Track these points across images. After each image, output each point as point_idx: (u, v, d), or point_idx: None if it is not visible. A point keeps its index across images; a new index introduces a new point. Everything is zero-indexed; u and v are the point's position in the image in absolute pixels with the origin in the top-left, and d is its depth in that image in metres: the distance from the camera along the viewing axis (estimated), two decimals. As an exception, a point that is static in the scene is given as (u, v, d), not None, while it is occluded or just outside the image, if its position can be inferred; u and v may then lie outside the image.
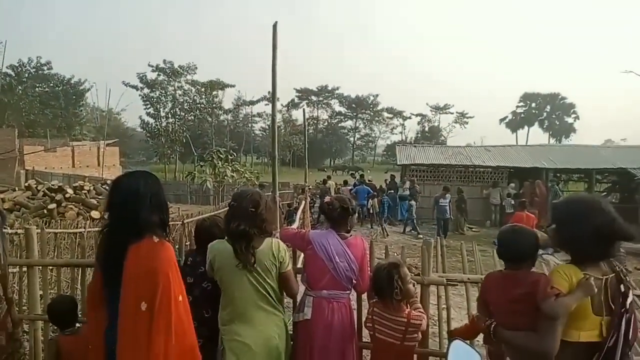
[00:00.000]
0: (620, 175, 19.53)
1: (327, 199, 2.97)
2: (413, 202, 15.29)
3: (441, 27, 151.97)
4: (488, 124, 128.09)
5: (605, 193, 22.29)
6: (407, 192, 15.84)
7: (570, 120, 74.11)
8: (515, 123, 76.58)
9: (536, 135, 75.38)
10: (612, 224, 1.79)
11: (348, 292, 2.83)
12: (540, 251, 2.15)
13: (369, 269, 2.90)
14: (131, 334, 1.81)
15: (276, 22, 5.67)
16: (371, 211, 15.11)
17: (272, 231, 2.68)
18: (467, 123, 74.82)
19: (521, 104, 76.54)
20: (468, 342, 1.83)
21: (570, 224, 1.85)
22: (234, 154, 21.91)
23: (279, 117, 67.68)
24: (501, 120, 77.98)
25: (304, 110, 13.45)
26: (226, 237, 2.56)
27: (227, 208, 2.71)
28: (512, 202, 14.89)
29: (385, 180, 19.60)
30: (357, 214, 3.04)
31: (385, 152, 74.25)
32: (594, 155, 19.75)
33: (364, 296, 3.00)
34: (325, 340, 2.69)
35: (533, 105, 75.84)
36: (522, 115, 76.44)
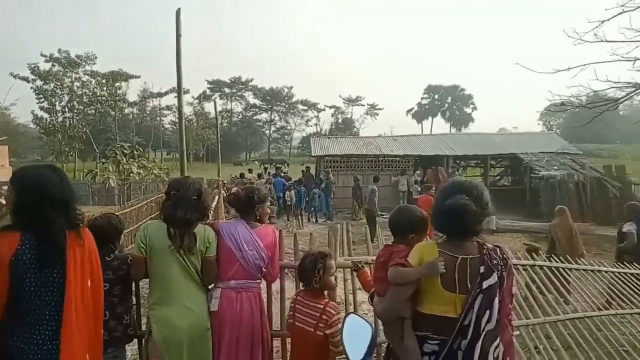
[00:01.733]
0: (511, 160, 21.65)
1: (233, 189, 3.00)
2: (317, 190, 15.83)
3: (350, 21, 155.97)
4: (397, 115, 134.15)
5: (498, 177, 24.61)
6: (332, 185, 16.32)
7: (468, 110, 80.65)
8: (420, 114, 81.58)
9: (439, 125, 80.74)
10: (459, 203, 1.91)
11: (258, 281, 2.88)
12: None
13: (279, 258, 2.98)
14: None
15: (179, 8, 5.51)
16: (289, 203, 15.26)
17: (209, 216, 2.86)
18: (377, 114, 77.85)
19: (425, 95, 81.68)
20: (362, 315, 2.00)
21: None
22: (140, 149, 20.71)
23: (190, 110, 65.23)
24: (408, 111, 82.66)
25: (215, 102, 13.12)
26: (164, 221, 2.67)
27: (165, 196, 2.80)
28: (419, 188, 15.87)
29: (302, 171, 19.87)
30: (275, 206, 3.12)
31: (301, 145, 74.85)
32: (489, 143, 21.65)
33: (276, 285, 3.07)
34: (235, 331, 2.73)
35: (436, 97, 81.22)
36: (427, 107, 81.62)
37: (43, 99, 44.34)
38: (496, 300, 1.87)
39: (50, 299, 1.98)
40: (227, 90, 73.75)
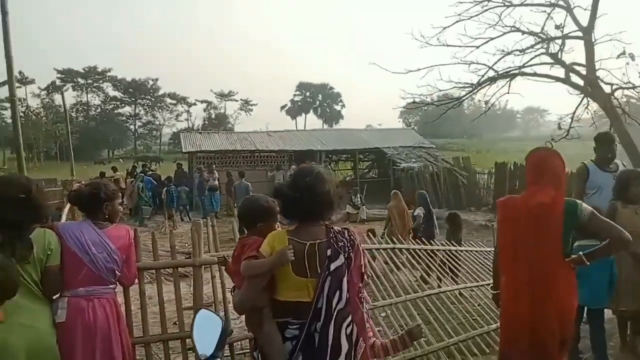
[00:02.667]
0: (377, 154, 23.28)
1: (75, 185, 2.66)
2: (186, 188, 15.32)
3: (220, 12, 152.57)
4: (271, 111, 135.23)
5: (367, 170, 26.32)
6: (216, 182, 15.56)
7: (338, 107, 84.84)
8: (294, 110, 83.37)
9: (312, 121, 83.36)
10: (274, 187, 2.07)
11: (112, 286, 2.62)
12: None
13: (135, 259, 2.73)
14: None
15: (4, -19, 4.75)
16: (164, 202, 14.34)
17: (47, 216, 2.52)
18: (252, 110, 77.65)
19: (297, 92, 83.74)
20: (212, 309, 1.96)
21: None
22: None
23: (37, 102, 57.93)
24: (282, 107, 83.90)
25: (62, 93, 11.75)
26: None
27: None
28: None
29: (176, 169, 18.87)
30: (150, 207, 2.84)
31: (171, 141, 70.98)
32: (357, 138, 23.02)
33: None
34: (89, 342, 2.45)
35: (307, 94, 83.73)
36: (299, 104, 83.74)
37: None
38: (344, 280, 1.93)
39: None
40: (81, 80, 66.61)
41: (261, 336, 1.94)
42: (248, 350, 3.50)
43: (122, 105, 70.49)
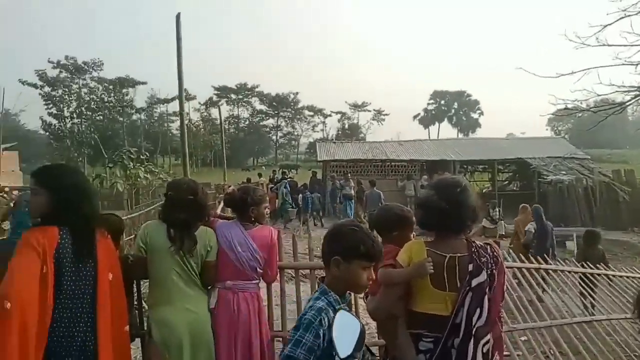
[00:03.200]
0: (519, 165, 21.51)
1: (229, 189, 3.00)
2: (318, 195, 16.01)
3: (356, 27, 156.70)
4: (403, 120, 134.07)
5: (507, 182, 24.47)
6: (352, 191, 16.17)
7: (475, 116, 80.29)
8: (427, 119, 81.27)
9: (446, 130, 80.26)
10: (421, 197, 1.99)
11: (255, 282, 2.88)
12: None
13: (277, 259, 2.98)
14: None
15: (179, 13, 5.58)
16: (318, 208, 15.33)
17: (209, 217, 2.85)
18: (384, 120, 77.80)
19: (431, 101, 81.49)
20: (353, 311, 2.02)
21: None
22: (147, 154, 20.88)
23: (197, 116, 66.06)
24: (414, 117, 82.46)
25: (219, 107, 13.24)
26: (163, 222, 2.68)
27: (164, 199, 2.86)
28: (425, 193, 15.79)
29: (310, 177, 19.92)
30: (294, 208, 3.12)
31: (308, 150, 74.93)
32: (496, 147, 21.56)
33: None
34: (232, 331, 2.73)
35: (442, 102, 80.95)
36: (433, 112, 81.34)
37: (51, 105, 44.97)
38: (486, 297, 1.88)
39: (85, 293, 2.07)
40: (233, 96, 74.19)
41: (395, 346, 1.96)
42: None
43: (267, 117, 76.72)
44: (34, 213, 2.14)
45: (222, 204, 11.24)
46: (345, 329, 1.58)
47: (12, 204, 6.41)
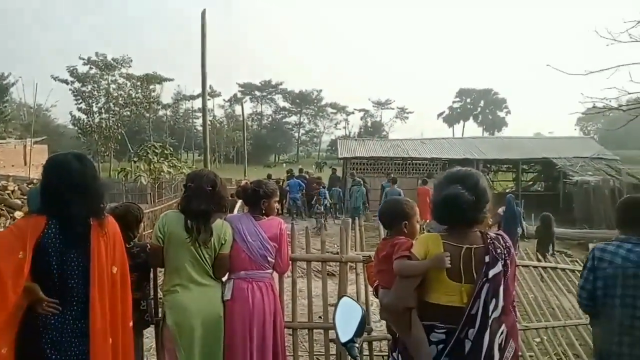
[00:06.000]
0: (544, 165, 21.06)
1: (242, 182, 3.08)
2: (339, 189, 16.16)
3: (381, 24, 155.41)
4: (427, 119, 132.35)
5: (531, 182, 23.99)
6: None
7: (502, 114, 78.62)
8: (452, 118, 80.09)
9: (471, 129, 78.91)
10: (452, 193, 1.92)
11: (268, 271, 2.95)
12: (433, 226, 2.39)
13: (288, 249, 3.04)
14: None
15: (204, 9, 5.72)
16: (326, 204, 15.29)
17: (227, 208, 2.94)
18: (407, 118, 77.12)
19: (457, 99, 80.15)
20: (354, 298, 2.07)
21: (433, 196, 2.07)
22: (171, 149, 21.27)
23: (221, 112, 66.82)
24: (439, 115, 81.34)
25: (242, 103, 13.44)
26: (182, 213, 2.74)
27: (183, 189, 2.91)
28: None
29: (331, 174, 19.94)
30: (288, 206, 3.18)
31: (329, 147, 74.87)
32: (521, 147, 21.15)
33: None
34: (247, 318, 2.81)
35: (468, 100, 79.58)
36: (458, 110, 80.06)
37: (81, 101, 46.21)
38: (501, 288, 1.90)
39: (77, 282, 2.09)
40: (257, 93, 74.71)
41: (408, 337, 1.98)
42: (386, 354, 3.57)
43: (290, 114, 77.04)
44: (31, 203, 2.19)
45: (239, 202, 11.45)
46: (347, 315, 1.63)
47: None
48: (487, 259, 1.90)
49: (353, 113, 76.31)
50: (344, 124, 77.38)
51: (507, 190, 20.86)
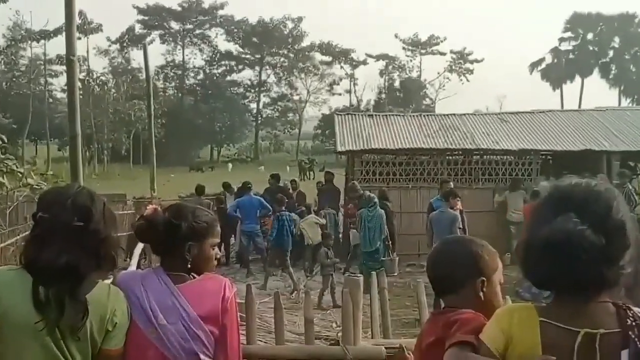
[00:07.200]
0: None
1: (147, 210, 3.06)
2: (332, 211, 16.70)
3: None
4: (511, 75, 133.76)
5: None
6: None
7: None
8: (558, 70, 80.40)
9: (597, 90, 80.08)
10: (564, 231, 1.92)
11: None
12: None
13: (237, 335, 3.04)
14: None
15: None
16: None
17: (116, 263, 2.95)
18: (471, 72, 77.70)
19: (568, 34, 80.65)
20: None
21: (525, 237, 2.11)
22: (2, 137, 21.13)
23: (104, 63, 66.60)
24: (533, 65, 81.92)
25: (145, 47, 13.43)
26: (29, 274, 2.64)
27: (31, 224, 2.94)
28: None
29: (323, 182, 20.06)
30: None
31: (317, 130, 74.91)
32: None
33: None
34: None
35: (589, 36, 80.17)
36: (571, 56, 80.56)
37: None
38: None
39: None
40: (175, 25, 74.82)
41: None
42: None
43: (240, 67, 77.41)
44: None
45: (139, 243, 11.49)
46: None
47: None
48: (623, 355, 1.93)
49: (365, 63, 76.72)
50: (345, 85, 77.83)
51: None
